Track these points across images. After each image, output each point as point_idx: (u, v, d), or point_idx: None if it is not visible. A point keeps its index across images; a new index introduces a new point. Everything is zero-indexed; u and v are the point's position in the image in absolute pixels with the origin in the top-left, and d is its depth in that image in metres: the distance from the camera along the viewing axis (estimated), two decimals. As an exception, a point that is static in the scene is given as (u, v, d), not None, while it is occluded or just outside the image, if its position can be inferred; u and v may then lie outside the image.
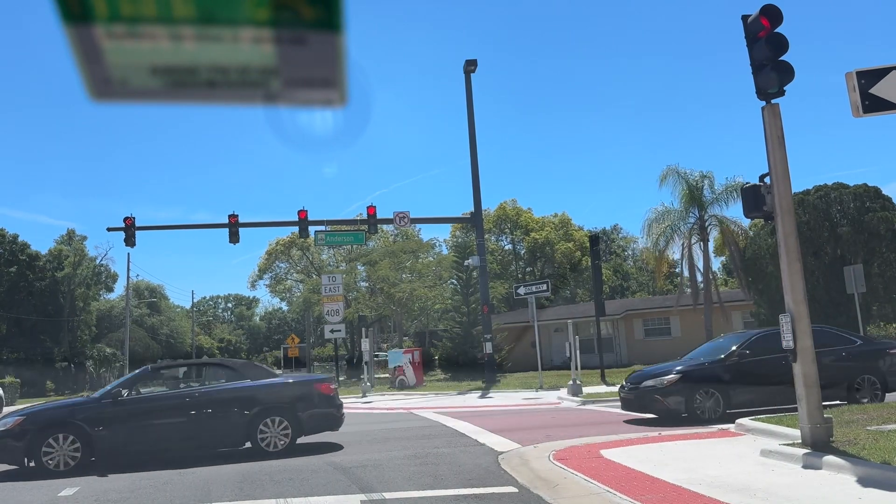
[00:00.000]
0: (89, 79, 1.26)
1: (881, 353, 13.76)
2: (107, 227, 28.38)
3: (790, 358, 8.76)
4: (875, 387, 13.23)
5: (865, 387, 13.19)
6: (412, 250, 45.38)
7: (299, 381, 12.70)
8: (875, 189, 28.78)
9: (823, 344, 13.48)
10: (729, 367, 13.08)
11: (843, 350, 13.52)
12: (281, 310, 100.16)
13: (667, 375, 13.24)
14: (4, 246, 52.87)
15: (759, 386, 12.95)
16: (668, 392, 12.94)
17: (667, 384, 13.00)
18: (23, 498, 8.92)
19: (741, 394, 12.88)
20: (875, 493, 6.40)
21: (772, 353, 12.92)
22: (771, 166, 8.91)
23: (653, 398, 13.04)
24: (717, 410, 12.64)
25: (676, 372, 13.25)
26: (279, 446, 11.12)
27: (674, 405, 12.86)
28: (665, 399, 12.91)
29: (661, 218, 31.47)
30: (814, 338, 13.97)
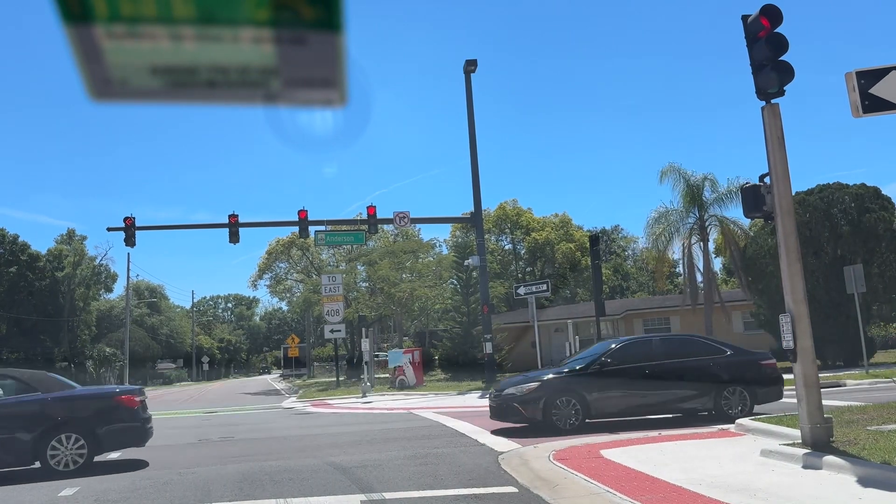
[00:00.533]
0: (89, 79, 1.26)
1: (751, 364, 13.21)
2: (107, 227, 28.40)
3: (790, 358, 8.76)
4: (744, 398, 12.74)
5: (734, 398, 12.73)
6: (412, 250, 45.38)
7: (97, 393, 12.07)
8: (875, 189, 28.78)
9: (691, 353, 13.28)
10: (591, 376, 12.67)
11: (712, 360, 13.06)
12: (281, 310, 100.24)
13: (527, 383, 12.83)
14: (5, 246, 52.88)
15: (621, 395, 12.65)
16: (526, 400, 12.48)
17: (526, 392, 12.56)
18: (23, 498, 8.92)
19: (602, 403, 12.52)
20: (875, 493, 6.40)
21: (635, 362, 12.82)
22: (771, 166, 8.91)
23: (512, 406, 12.60)
24: (576, 420, 12.27)
25: (537, 380, 12.88)
26: (72, 465, 10.39)
27: (531, 414, 12.41)
28: (523, 407, 12.46)
29: (661, 218, 31.47)
30: (681, 346, 13.75)
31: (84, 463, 10.46)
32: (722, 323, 31.53)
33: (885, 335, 37.11)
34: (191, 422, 20.15)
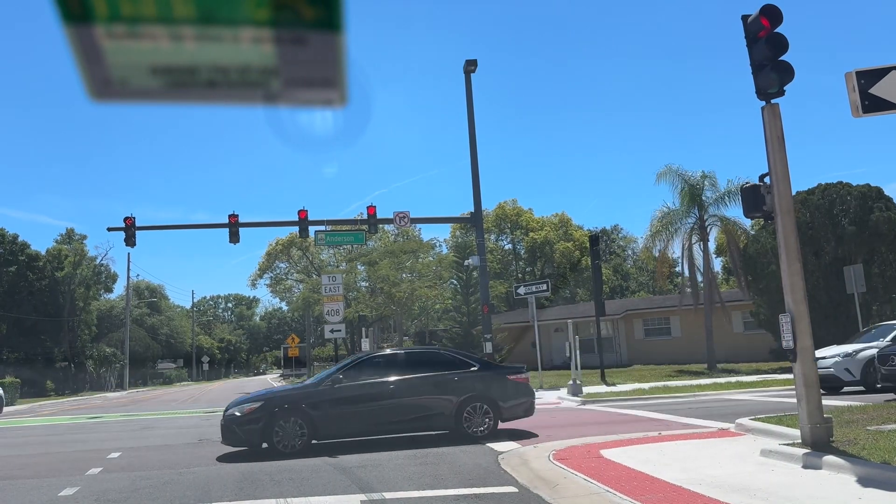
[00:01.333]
0: (89, 79, 1.26)
1: (498, 379, 12.36)
2: (107, 227, 28.40)
3: (790, 358, 8.76)
4: (488, 415, 11.94)
5: (476, 416, 11.91)
6: (412, 250, 45.39)
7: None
8: (878, 189, 28.78)
9: (434, 368, 12.36)
10: (320, 394, 11.80)
11: (456, 375, 12.21)
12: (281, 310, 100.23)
13: (249, 403, 11.95)
14: (4, 246, 52.87)
15: (353, 414, 11.80)
16: (245, 421, 11.49)
17: (247, 412, 11.61)
18: (23, 498, 8.92)
19: (331, 423, 11.72)
20: (875, 493, 6.40)
21: (371, 378, 12.05)
22: (771, 166, 8.91)
23: (231, 429, 11.57)
24: (298, 442, 11.40)
25: (260, 399, 12.01)
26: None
27: (248, 436, 11.49)
28: (242, 429, 11.49)
29: (661, 218, 31.45)
30: (424, 361, 12.91)
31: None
32: (722, 323, 31.53)
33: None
34: (191, 422, 20.15)
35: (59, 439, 16.60)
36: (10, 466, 11.74)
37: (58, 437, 17.13)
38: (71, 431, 18.94)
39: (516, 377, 12.48)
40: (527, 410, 12.42)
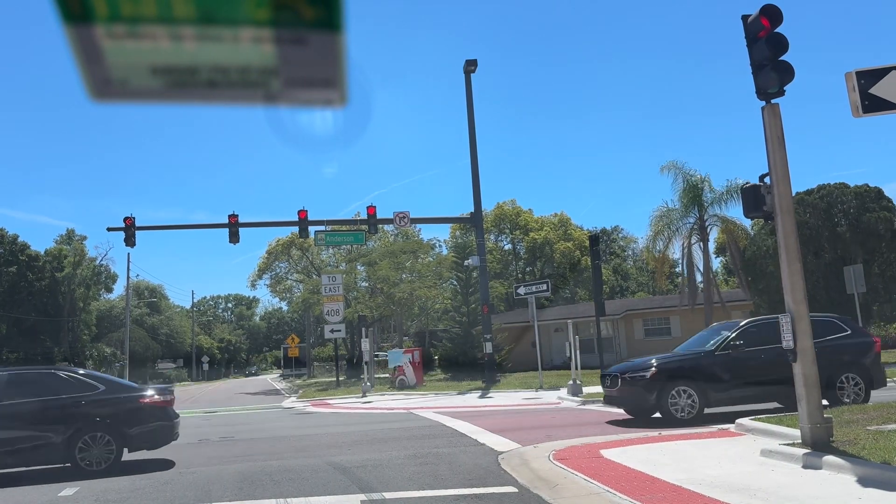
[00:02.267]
0: (89, 79, 1.26)
1: (126, 403, 10.95)
2: (107, 227, 28.44)
3: (790, 358, 8.75)
4: (110, 445, 10.55)
5: (96, 447, 10.48)
6: (412, 250, 45.37)
7: None
8: (877, 190, 28.80)
9: (47, 392, 10.72)
10: None
11: (72, 400, 10.63)
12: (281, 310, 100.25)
13: None
14: (4, 246, 52.88)
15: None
16: None
17: None
18: (23, 498, 8.92)
19: None
20: (875, 493, 6.40)
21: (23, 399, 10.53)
22: (771, 166, 8.91)
23: None
24: None
25: None
26: None
27: None
28: None
29: (661, 217, 31.48)
30: (36, 384, 10.77)
31: None
32: (722, 323, 31.53)
33: (885, 335, 37.10)
34: (191, 422, 20.15)
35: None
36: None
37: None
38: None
39: (149, 400, 11.08)
40: (165, 437, 11.06)
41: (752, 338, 13.09)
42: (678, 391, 12.71)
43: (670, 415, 12.65)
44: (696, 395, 12.68)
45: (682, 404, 12.67)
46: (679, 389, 12.70)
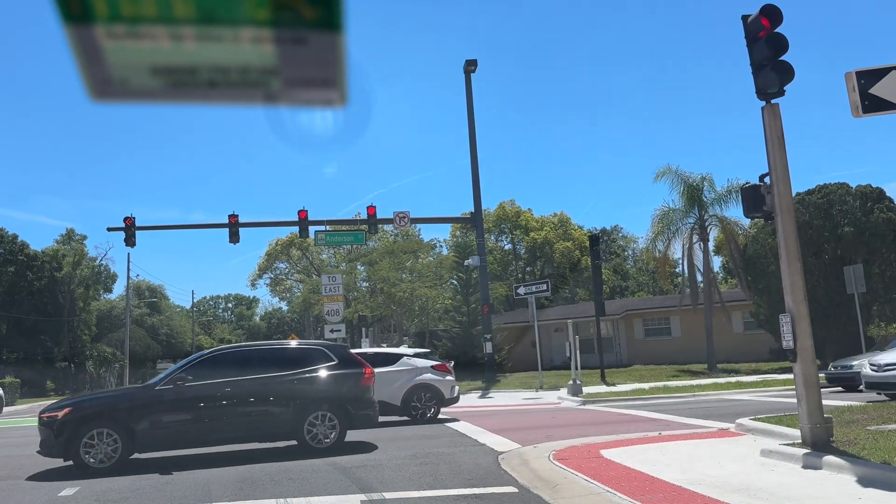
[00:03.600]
0: (89, 79, 1.26)
1: None
2: (107, 227, 28.44)
3: (790, 358, 8.76)
4: None
5: None
6: (412, 250, 45.39)
7: None
8: (879, 190, 28.79)
9: None
10: None
11: None
12: (281, 310, 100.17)
13: None
14: (4, 246, 52.87)
15: None
16: None
17: None
18: (23, 498, 8.92)
19: None
20: (875, 493, 6.40)
21: None
22: (771, 166, 8.91)
23: None
24: None
25: None
26: None
27: None
28: None
29: (662, 218, 31.48)
30: None
31: None
32: (722, 323, 31.53)
33: (886, 335, 37.09)
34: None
35: (59, 439, 16.58)
36: (10, 466, 11.73)
37: (58, 438, 17.11)
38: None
39: None
40: None
41: (207, 371, 11.14)
42: (97, 434, 10.46)
43: (83, 462, 10.40)
44: (120, 439, 10.52)
45: (101, 451, 10.45)
46: (98, 432, 10.48)
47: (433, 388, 15.73)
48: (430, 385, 15.73)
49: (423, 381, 15.69)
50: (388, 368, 15.43)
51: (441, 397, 15.77)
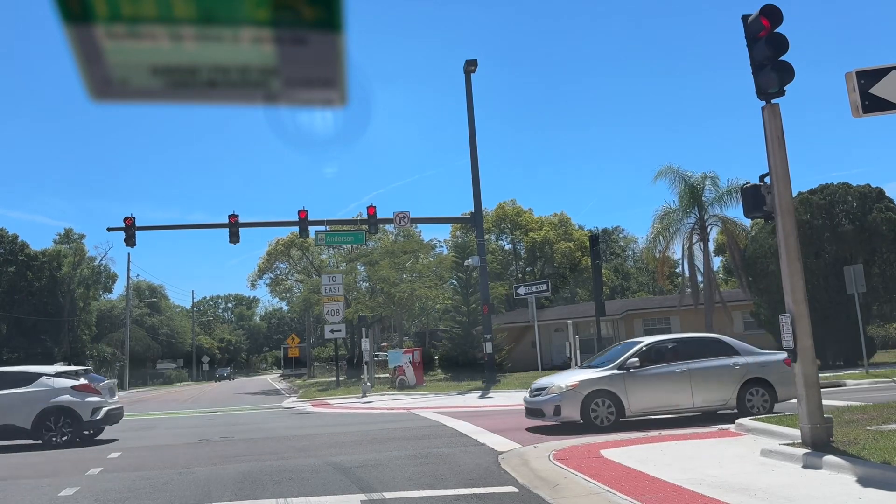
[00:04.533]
0: (89, 79, 1.26)
1: None
2: (107, 227, 28.42)
3: (790, 357, 8.75)
4: None
5: None
6: (412, 250, 45.35)
7: None
8: (879, 190, 28.78)
9: None
10: None
11: None
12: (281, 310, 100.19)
13: None
14: (4, 246, 52.87)
15: None
16: None
17: None
18: (23, 498, 8.92)
19: None
20: (875, 493, 6.40)
21: None
22: (771, 166, 8.91)
23: None
24: None
25: None
26: None
27: None
28: None
29: (661, 217, 31.48)
30: None
31: None
32: (722, 323, 31.52)
33: (885, 335, 37.10)
34: (191, 422, 20.16)
35: (60, 439, 16.58)
36: (11, 466, 11.74)
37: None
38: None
39: None
40: None
41: None
42: None
43: None
44: None
45: None
46: None
47: (70, 410, 14.62)
48: (67, 407, 14.63)
49: (59, 402, 14.62)
50: (20, 390, 14.65)
51: (79, 420, 14.68)
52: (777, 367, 12.97)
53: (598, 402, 12.42)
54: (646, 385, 12.59)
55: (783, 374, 12.64)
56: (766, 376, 12.96)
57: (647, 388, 12.58)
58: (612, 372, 12.71)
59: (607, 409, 12.43)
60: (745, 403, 12.79)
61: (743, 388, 12.85)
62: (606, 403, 12.44)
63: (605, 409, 12.43)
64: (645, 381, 12.61)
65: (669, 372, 12.77)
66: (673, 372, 12.78)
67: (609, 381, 12.57)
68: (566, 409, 12.38)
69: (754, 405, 12.79)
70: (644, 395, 12.57)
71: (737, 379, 12.86)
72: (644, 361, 12.78)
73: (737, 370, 12.93)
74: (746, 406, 12.75)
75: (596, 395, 12.44)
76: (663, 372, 12.78)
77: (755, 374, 12.97)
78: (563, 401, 12.40)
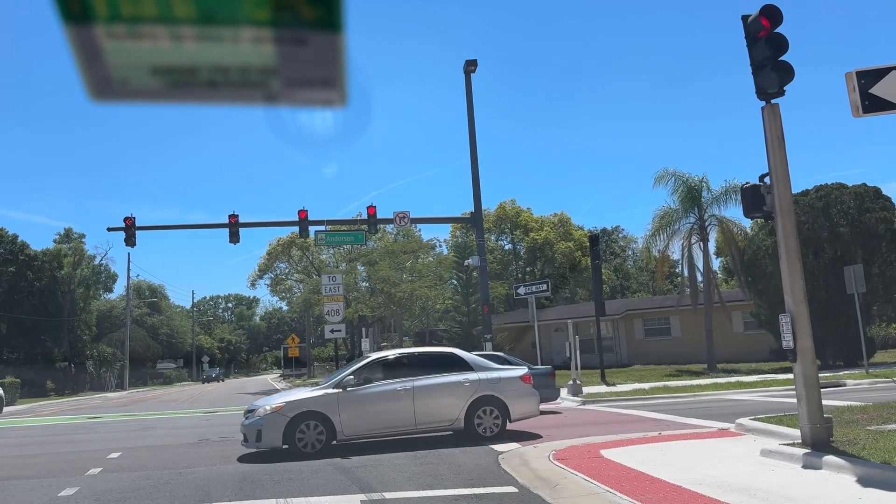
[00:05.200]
0: (89, 79, 1.26)
1: None
2: (107, 227, 28.41)
3: (790, 358, 8.75)
4: None
5: None
6: (412, 250, 45.39)
7: None
8: (875, 189, 28.76)
9: None
10: None
11: None
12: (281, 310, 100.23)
13: None
14: (4, 246, 52.86)
15: None
16: None
17: None
18: (23, 498, 8.92)
19: None
20: (875, 493, 6.40)
21: None
22: (771, 166, 8.91)
23: None
24: None
25: None
26: None
27: None
28: None
29: (661, 217, 31.48)
30: None
31: None
32: (722, 323, 31.53)
33: (886, 335, 37.10)
34: (191, 422, 20.15)
35: (59, 439, 16.60)
36: (10, 466, 11.74)
37: (58, 438, 17.13)
38: (71, 432, 18.93)
39: None
40: None
41: None
42: None
43: None
44: None
45: None
46: None
47: None
48: None
49: None
50: None
51: None
52: (512, 383, 12.12)
53: (307, 426, 11.13)
54: (362, 405, 11.46)
55: (518, 392, 12.05)
56: (499, 394, 11.90)
57: (363, 408, 11.45)
58: (325, 391, 11.58)
59: (317, 433, 11.16)
60: (475, 423, 11.74)
61: (473, 406, 11.76)
62: (316, 427, 11.18)
63: (313, 433, 11.15)
64: (362, 401, 11.47)
65: (391, 390, 11.65)
66: (395, 390, 11.65)
67: (320, 402, 11.37)
68: (268, 434, 11.08)
69: (484, 425, 11.75)
70: (359, 416, 11.41)
71: (466, 396, 11.77)
72: (366, 379, 11.71)
73: (466, 387, 11.83)
74: (475, 426, 11.73)
75: (304, 417, 11.17)
76: (384, 390, 11.66)
77: (487, 392, 11.85)
78: (264, 425, 11.12)
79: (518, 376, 12.32)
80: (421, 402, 11.66)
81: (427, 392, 11.74)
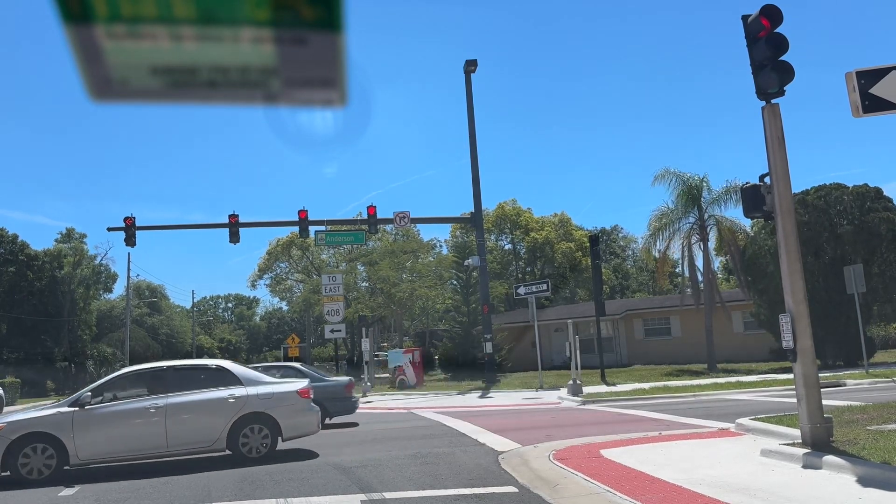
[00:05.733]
0: (89, 79, 1.26)
1: None
2: (107, 227, 28.44)
3: (790, 358, 8.75)
4: None
5: None
6: (412, 250, 45.41)
7: None
8: (876, 189, 28.75)
9: None
10: None
11: None
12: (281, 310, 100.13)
13: None
14: (4, 246, 52.86)
15: None
16: None
17: None
18: (23, 498, 8.92)
19: None
20: (875, 493, 6.40)
21: None
22: (771, 166, 8.91)
23: None
24: None
25: None
26: None
27: None
28: None
29: (660, 217, 31.47)
30: None
31: None
32: (722, 323, 31.51)
33: (886, 335, 37.08)
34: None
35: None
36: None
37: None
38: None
39: None
40: None
41: None
42: None
43: None
44: None
45: None
46: None
47: None
48: None
49: None
50: None
51: None
52: (286, 398, 11.10)
53: (32, 450, 9.94)
54: (103, 425, 10.27)
55: (294, 408, 11.09)
56: (270, 410, 10.86)
57: (104, 430, 10.26)
58: (57, 410, 10.41)
59: (45, 457, 9.96)
60: (240, 443, 10.68)
61: (238, 424, 10.69)
62: (45, 450, 9.97)
63: (41, 457, 9.96)
64: (102, 421, 10.28)
65: (139, 408, 10.51)
66: (144, 408, 10.49)
67: (50, 422, 10.13)
68: None
69: (250, 445, 10.70)
70: (99, 438, 10.21)
71: (230, 414, 10.68)
72: (111, 395, 10.58)
73: (231, 403, 10.71)
74: (240, 446, 10.67)
75: (30, 439, 9.97)
76: (130, 408, 10.52)
77: (256, 409, 10.81)
78: None
79: (294, 391, 11.27)
80: (174, 422, 10.50)
81: (182, 410, 10.58)
